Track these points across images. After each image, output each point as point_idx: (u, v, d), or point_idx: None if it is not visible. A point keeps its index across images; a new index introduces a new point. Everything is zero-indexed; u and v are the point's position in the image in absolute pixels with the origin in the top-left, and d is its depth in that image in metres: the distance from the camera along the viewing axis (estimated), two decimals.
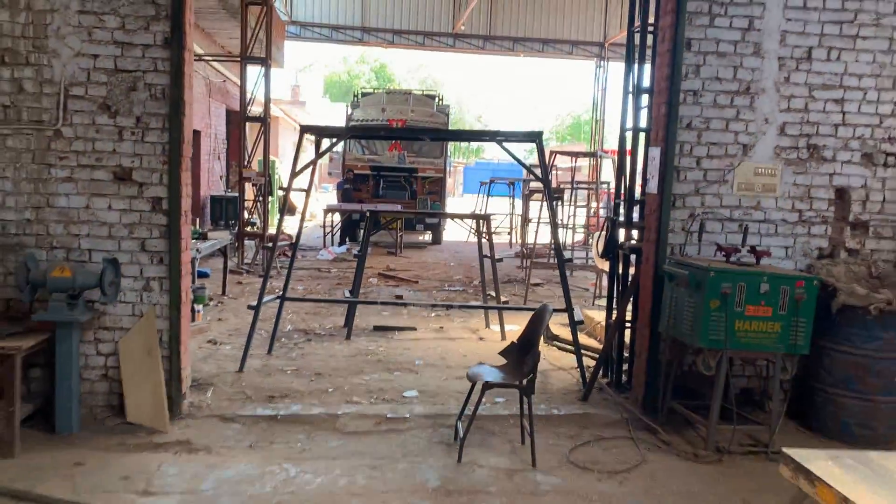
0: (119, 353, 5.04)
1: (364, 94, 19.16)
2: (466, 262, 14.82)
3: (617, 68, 21.65)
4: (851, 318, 5.10)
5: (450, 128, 18.58)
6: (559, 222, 9.25)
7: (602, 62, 21.38)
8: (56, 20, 4.84)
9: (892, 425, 5.19)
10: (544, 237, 12.96)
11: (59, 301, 4.66)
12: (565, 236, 14.82)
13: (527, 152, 39.89)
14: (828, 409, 5.30)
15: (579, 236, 17.01)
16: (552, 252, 14.42)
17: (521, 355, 4.85)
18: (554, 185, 16.64)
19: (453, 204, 30.36)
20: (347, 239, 16.87)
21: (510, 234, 18.65)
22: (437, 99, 19.06)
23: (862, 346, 5.10)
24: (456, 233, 18.25)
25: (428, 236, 18.56)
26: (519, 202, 17.19)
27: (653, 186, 5.51)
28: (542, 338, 5.04)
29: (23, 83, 4.87)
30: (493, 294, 8.56)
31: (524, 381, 4.64)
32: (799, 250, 5.56)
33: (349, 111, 18.26)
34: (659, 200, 5.42)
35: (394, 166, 17.65)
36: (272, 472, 4.42)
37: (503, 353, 5.12)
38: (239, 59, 13.22)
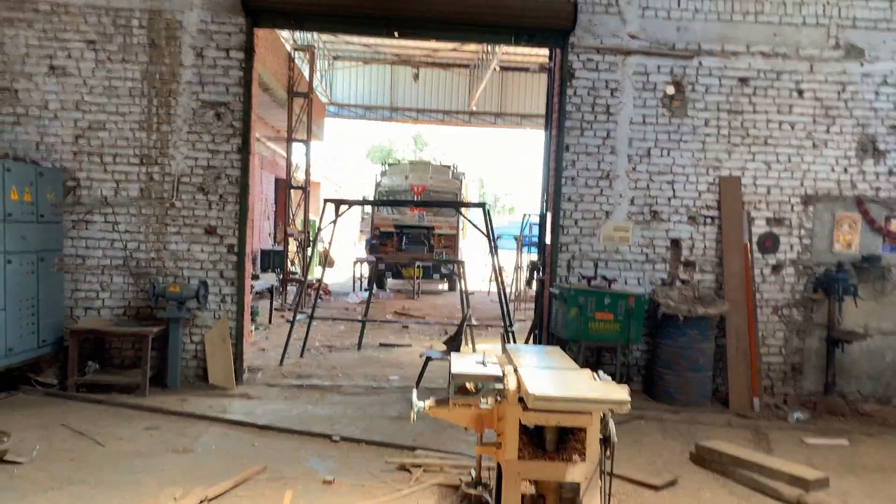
0: (205, 341, 8.05)
1: (391, 165, 22.47)
2: (472, 304, 17.68)
3: None
4: (670, 322, 7.88)
5: (466, 192, 21.71)
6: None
7: None
8: (174, 137, 8.02)
9: (698, 392, 7.92)
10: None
11: (172, 306, 7.72)
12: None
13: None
14: (660, 383, 8.03)
15: None
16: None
17: (452, 342, 7.75)
18: None
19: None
20: (375, 286, 19.87)
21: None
22: (452, 167, 22.22)
23: (677, 340, 7.87)
24: (472, 282, 21.12)
25: (445, 284, 21.45)
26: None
27: (548, 239, 8.43)
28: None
29: (153, 175, 8.04)
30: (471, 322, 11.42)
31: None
32: (647, 280, 8.38)
33: (378, 178, 21.51)
34: (551, 248, 8.33)
35: (414, 224, 20.64)
36: (297, 408, 7.34)
37: (445, 342, 8.03)
38: (286, 139, 16.61)
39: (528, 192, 54.22)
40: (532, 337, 8.99)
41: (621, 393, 3.69)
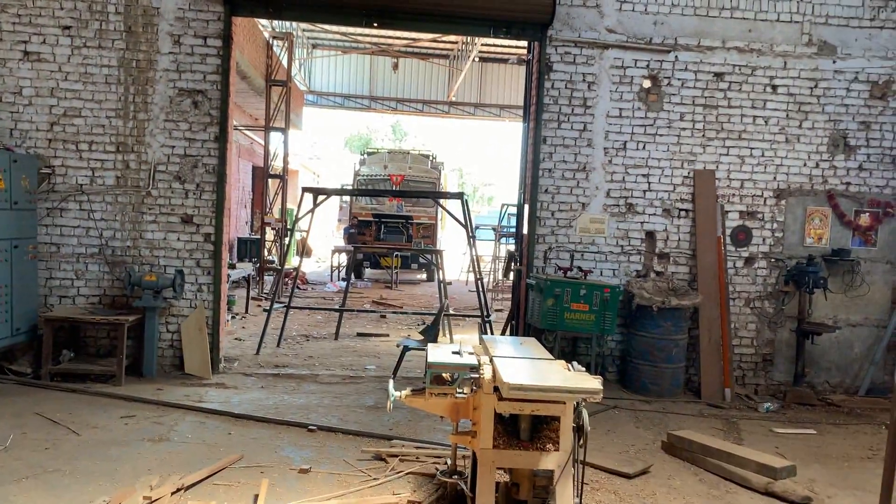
0: (181, 330, 8.03)
1: (370, 154, 22.41)
2: (451, 294, 17.73)
3: None
4: (644, 314, 7.99)
5: (445, 182, 21.72)
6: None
7: None
8: (151, 125, 7.97)
9: (672, 383, 8.04)
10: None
11: (148, 295, 7.68)
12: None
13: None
14: (634, 374, 8.14)
15: None
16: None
17: (429, 332, 7.79)
18: None
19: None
20: (353, 275, 19.83)
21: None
22: (431, 157, 22.21)
23: (651, 331, 7.98)
24: (450, 272, 21.15)
25: (423, 274, 21.47)
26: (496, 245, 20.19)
27: (525, 230, 8.49)
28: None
29: (129, 163, 7.98)
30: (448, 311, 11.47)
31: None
32: (622, 271, 8.48)
33: (357, 167, 21.44)
34: (528, 239, 8.40)
35: (393, 214, 20.60)
36: (274, 397, 7.35)
37: (422, 332, 8.07)
38: (263, 128, 16.52)
39: (508, 183, 54.44)
40: (509, 327, 9.07)
41: (594, 383, 3.76)
